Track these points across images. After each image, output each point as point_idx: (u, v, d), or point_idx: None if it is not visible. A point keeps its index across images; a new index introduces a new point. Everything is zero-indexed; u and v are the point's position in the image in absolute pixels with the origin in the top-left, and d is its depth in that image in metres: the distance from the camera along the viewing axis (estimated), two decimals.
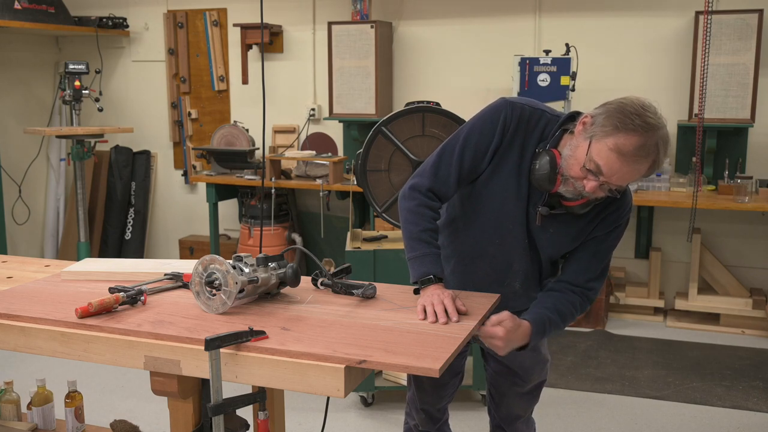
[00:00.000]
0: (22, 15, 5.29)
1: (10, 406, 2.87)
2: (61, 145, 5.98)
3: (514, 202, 2.01)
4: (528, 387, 2.35)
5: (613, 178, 1.80)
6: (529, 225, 2.04)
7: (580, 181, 1.84)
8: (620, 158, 1.76)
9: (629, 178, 1.81)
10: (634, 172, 1.79)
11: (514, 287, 2.16)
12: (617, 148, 1.75)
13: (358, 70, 5.12)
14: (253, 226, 5.33)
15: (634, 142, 1.75)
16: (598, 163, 1.78)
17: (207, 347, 1.65)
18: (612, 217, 2.01)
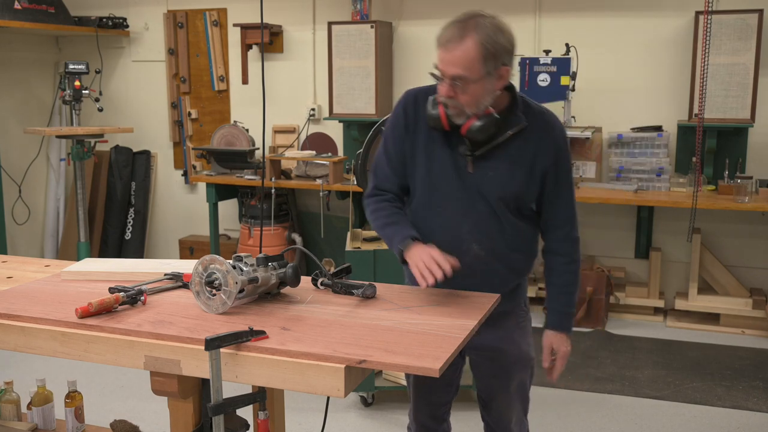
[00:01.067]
0: (22, 15, 5.29)
1: (10, 406, 2.87)
2: (61, 145, 5.98)
3: (439, 165, 2.09)
4: (512, 385, 2.32)
5: (445, 69, 1.93)
6: (463, 179, 2.07)
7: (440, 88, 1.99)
8: (442, 48, 1.94)
9: (458, 62, 1.91)
10: (458, 54, 1.90)
11: (474, 250, 2.11)
12: (439, 42, 1.94)
13: (358, 70, 5.12)
14: (253, 226, 5.33)
15: (448, 29, 1.94)
16: (437, 65, 1.96)
17: (207, 347, 1.65)
18: (544, 141, 2.06)
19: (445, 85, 1.96)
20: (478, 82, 1.93)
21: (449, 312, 1.95)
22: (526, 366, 2.32)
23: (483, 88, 1.95)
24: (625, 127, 4.85)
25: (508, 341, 2.26)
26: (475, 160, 2.05)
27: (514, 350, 2.25)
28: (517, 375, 2.31)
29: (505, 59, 1.95)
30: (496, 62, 1.93)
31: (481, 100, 1.96)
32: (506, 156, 2.05)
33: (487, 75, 1.93)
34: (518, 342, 2.26)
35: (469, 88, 1.94)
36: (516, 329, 2.27)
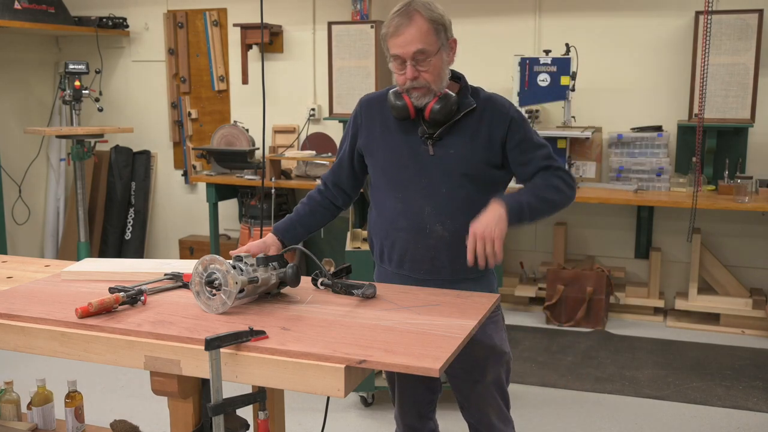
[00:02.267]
0: (22, 15, 5.29)
1: (10, 406, 2.87)
2: (61, 145, 5.98)
3: (398, 154, 2.19)
4: (487, 379, 2.29)
5: (405, 50, 2.06)
6: (423, 162, 2.15)
7: (399, 78, 2.12)
8: (394, 36, 2.09)
9: (415, 38, 2.05)
10: (413, 32, 2.05)
11: (438, 232, 2.15)
12: (388, 34, 2.12)
13: (358, 70, 5.12)
14: (253, 226, 5.33)
15: (393, 20, 2.10)
16: (392, 53, 2.12)
17: (207, 347, 1.65)
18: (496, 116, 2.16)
19: (408, 68, 2.08)
20: (437, 55, 2.08)
21: (449, 312, 1.95)
22: (500, 360, 2.29)
23: (441, 60, 2.10)
24: (625, 127, 4.85)
25: (479, 331, 2.15)
26: (435, 143, 2.15)
27: (486, 341, 2.22)
28: (491, 368, 2.28)
29: (449, 32, 2.14)
30: (446, 33, 2.11)
31: (442, 74, 2.11)
32: (463, 133, 2.15)
33: (442, 47, 2.09)
34: (490, 334, 2.22)
35: (431, 62, 2.07)
36: (488, 321, 2.19)
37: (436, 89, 2.11)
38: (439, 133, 2.14)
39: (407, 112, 2.14)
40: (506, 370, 2.34)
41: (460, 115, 2.14)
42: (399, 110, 2.16)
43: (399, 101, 2.16)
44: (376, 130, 2.24)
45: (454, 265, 2.16)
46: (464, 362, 2.22)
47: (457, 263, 2.14)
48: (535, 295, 5.00)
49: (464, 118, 2.15)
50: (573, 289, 4.74)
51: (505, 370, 2.33)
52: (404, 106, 2.14)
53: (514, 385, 3.83)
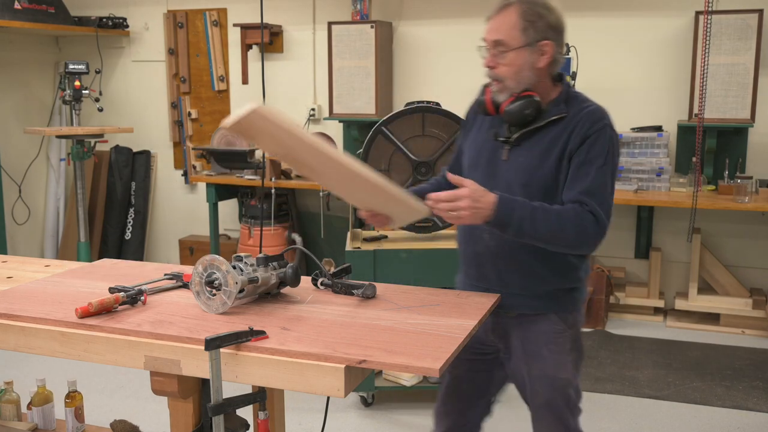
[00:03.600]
0: (22, 15, 5.29)
1: (10, 406, 2.87)
2: (61, 145, 5.98)
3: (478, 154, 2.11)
4: (536, 403, 2.13)
5: (486, 35, 1.98)
6: (494, 166, 2.05)
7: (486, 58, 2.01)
8: (488, 19, 2.00)
9: (497, 27, 1.96)
10: (498, 20, 1.97)
11: (485, 240, 2.06)
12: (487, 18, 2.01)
13: (358, 70, 5.12)
14: (253, 226, 5.33)
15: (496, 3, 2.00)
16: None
17: (207, 347, 1.65)
18: (579, 128, 1.96)
19: (487, 56, 1.99)
20: (517, 51, 1.94)
21: (449, 312, 1.95)
22: (553, 385, 2.09)
23: (523, 58, 1.95)
24: (625, 127, 4.84)
25: (532, 353, 2.09)
26: (512, 148, 2.03)
27: (536, 361, 2.07)
28: (541, 391, 2.10)
29: (548, 34, 1.97)
30: (537, 34, 1.95)
31: (521, 72, 1.96)
32: (539, 144, 1.99)
33: (527, 45, 1.94)
34: (544, 355, 2.06)
35: (509, 56, 1.95)
36: (544, 344, 2.07)
37: (513, 87, 1.97)
38: (518, 137, 2.01)
39: (485, 108, 2.06)
40: (564, 398, 2.10)
41: (544, 122, 1.98)
42: (479, 104, 2.08)
43: (482, 95, 2.07)
44: (473, 128, 2.18)
45: (502, 277, 2.06)
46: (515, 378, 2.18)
47: (504, 280, 2.06)
48: None
49: (549, 127, 1.99)
50: None
51: (563, 398, 2.10)
52: (483, 101, 2.06)
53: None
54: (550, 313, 2.07)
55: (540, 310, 2.07)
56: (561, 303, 2.08)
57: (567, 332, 2.08)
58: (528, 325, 2.08)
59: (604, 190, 1.94)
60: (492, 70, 1.99)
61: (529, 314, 2.07)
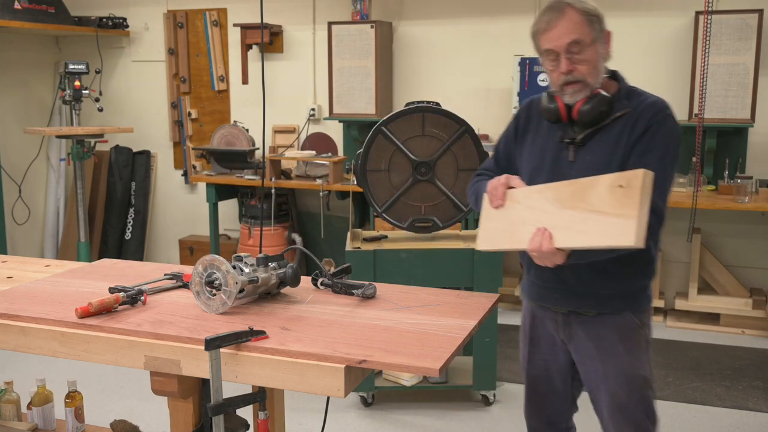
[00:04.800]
0: (22, 15, 5.29)
1: (10, 406, 2.87)
2: (61, 145, 5.98)
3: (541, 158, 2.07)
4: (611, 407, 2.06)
5: (558, 42, 1.94)
6: (560, 169, 2.01)
7: (553, 75, 1.99)
8: (545, 31, 1.99)
9: (568, 29, 1.94)
10: (565, 24, 1.94)
11: None
12: (539, 30, 2.02)
13: (358, 70, 5.12)
14: (253, 226, 5.33)
15: (544, 15, 2.00)
16: (543, 48, 1.99)
17: (207, 347, 1.65)
18: (642, 119, 1.95)
19: (562, 61, 1.95)
20: (592, 46, 1.94)
21: (449, 312, 1.95)
22: (635, 388, 2.03)
23: (597, 53, 1.95)
24: None
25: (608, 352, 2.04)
26: (578, 148, 2.00)
27: (615, 363, 2.02)
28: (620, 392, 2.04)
29: (603, 23, 1.98)
30: (600, 25, 1.96)
31: (597, 67, 1.96)
32: (606, 141, 1.97)
33: (597, 39, 1.95)
34: (622, 354, 2.02)
35: (587, 53, 1.93)
36: (619, 341, 2.03)
37: (593, 83, 1.96)
38: (583, 137, 1.99)
39: (558, 115, 2.01)
40: (642, 401, 2.04)
41: (610, 119, 1.96)
42: (550, 113, 2.03)
43: (551, 104, 2.03)
44: (529, 134, 2.13)
45: (581, 279, 2.00)
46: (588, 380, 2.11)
47: (587, 277, 1.99)
48: None
49: (614, 123, 1.97)
50: None
51: (641, 400, 2.04)
52: (556, 108, 2.01)
53: (513, 384, 3.83)
54: (626, 312, 2.03)
55: (618, 309, 2.03)
56: (637, 301, 2.05)
57: (642, 330, 2.05)
58: (603, 324, 2.03)
59: (665, 181, 1.91)
60: (570, 74, 1.95)
61: (605, 313, 2.03)
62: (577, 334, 2.07)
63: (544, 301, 2.11)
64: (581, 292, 2.02)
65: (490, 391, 3.57)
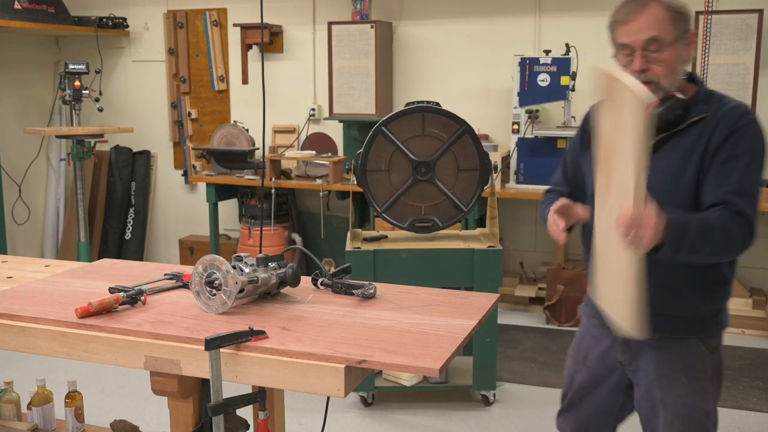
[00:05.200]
0: (22, 15, 5.29)
1: (10, 406, 2.87)
2: (61, 145, 5.98)
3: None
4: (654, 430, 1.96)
5: (635, 38, 1.82)
6: None
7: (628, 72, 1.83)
8: (624, 23, 1.86)
9: (648, 25, 1.81)
10: (646, 18, 1.81)
11: None
12: (618, 21, 1.88)
13: (358, 70, 5.12)
14: (253, 226, 5.33)
15: (624, 6, 1.87)
16: (619, 42, 1.87)
17: (207, 347, 1.65)
18: (722, 125, 1.81)
19: (636, 58, 1.82)
20: (671, 47, 1.80)
21: (449, 312, 1.95)
22: (694, 419, 1.90)
23: (676, 54, 1.82)
24: None
25: (668, 378, 1.91)
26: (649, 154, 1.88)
27: (675, 391, 1.89)
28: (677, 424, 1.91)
29: (690, 23, 1.86)
30: (684, 24, 1.83)
31: (675, 69, 1.83)
32: (680, 146, 1.84)
33: (678, 39, 1.81)
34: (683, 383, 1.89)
35: (664, 53, 1.80)
36: (682, 368, 1.90)
37: (667, 86, 1.82)
38: (655, 143, 1.82)
39: None
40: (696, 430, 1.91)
41: (685, 124, 1.83)
42: None
43: None
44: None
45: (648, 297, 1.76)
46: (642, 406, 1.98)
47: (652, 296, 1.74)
48: (535, 295, 5.00)
49: (691, 128, 1.84)
50: (573, 289, 4.74)
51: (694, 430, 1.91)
52: None
53: (513, 384, 3.83)
54: (692, 338, 1.90)
55: (683, 333, 1.89)
56: (706, 326, 1.91)
57: (708, 358, 1.91)
58: (665, 348, 1.90)
59: (752, 188, 1.80)
60: (644, 74, 1.81)
61: (669, 337, 1.89)
62: (638, 356, 1.94)
63: (606, 320, 1.92)
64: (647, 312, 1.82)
65: (490, 391, 3.57)
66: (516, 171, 4.76)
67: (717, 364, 1.94)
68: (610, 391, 2.04)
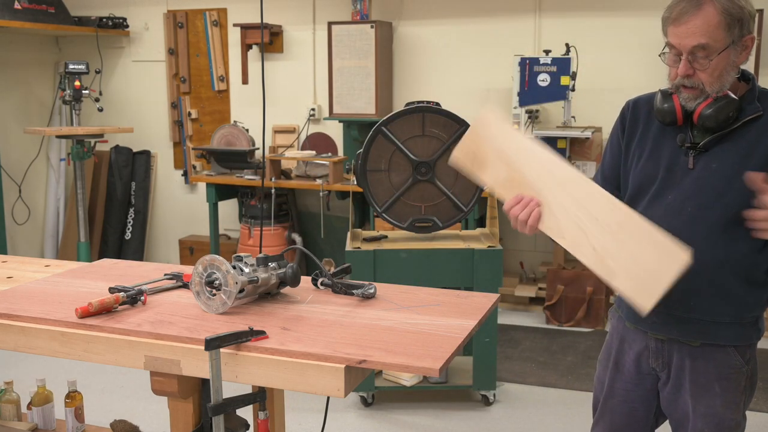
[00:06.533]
0: (22, 15, 5.29)
1: (10, 406, 2.87)
2: (61, 145, 5.98)
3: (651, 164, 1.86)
4: None
5: (683, 41, 1.71)
6: (676, 177, 1.80)
7: (672, 71, 1.77)
8: (675, 23, 1.72)
9: (698, 30, 1.69)
10: (697, 23, 1.69)
11: None
12: (670, 18, 1.73)
13: (358, 70, 5.12)
14: (253, 226, 5.33)
15: (679, 2, 1.71)
16: (670, 42, 1.74)
17: (207, 347, 1.65)
18: None
19: (682, 63, 1.72)
20: (721, 54, 1.70)
21: (449, 312, 1.95)
22: (719, 426, 1.88)
23: (727, 60, 1.71)
24: None
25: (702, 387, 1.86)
26: (699, 154, 1.78)
27: (707, 401, 1.86)
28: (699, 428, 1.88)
29: (749, 26, 1.72)
30: (742, 29, 1.70)
31: (723, 75, 1.73)
32: (736, 147, 1.75)
33: (731, 45, 1.70)
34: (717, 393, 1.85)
35: (712, 60, 1.70)
36: (716, 379, 1.85)
37: (711, 92, 1.73)
38: (706, 143, 1.76)
39: (674, 117, 1.79)
40: None
41: (739, 123, 1.74)
42: (664, 114, 1.81)
43: (666, 104, 1.80)
44: (637, 136, 1.92)
45: (689, 302, 1.79)
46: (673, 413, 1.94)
47: (696, 300, 1.77)
48: (535, 295, 5.00)
49: (744, 128, 1.75)
50: (573, 289, 4.74)
51: None
52: (671, 109, 1.79)
53: (513, 384, 3.83)
54: (730, 347, 1.84)
55: (722, 341, 1.83)
56: (745, 335, 1.85)
57: (744, 368, 1.87)
58: (701, 356, 1.85)
59: None
60: (688, 79, 1.73)
61: (709, 344, 1.83)
62: (672, 363, 1.89)
63: (641, 323, 1.89)
64: (686, 317, 1.81)
65: (490, 391, 3.57)
66: None
67: (752, 374, 1.90)
68: (643, 398, 1.97)
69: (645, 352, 1.93)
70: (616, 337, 2.04)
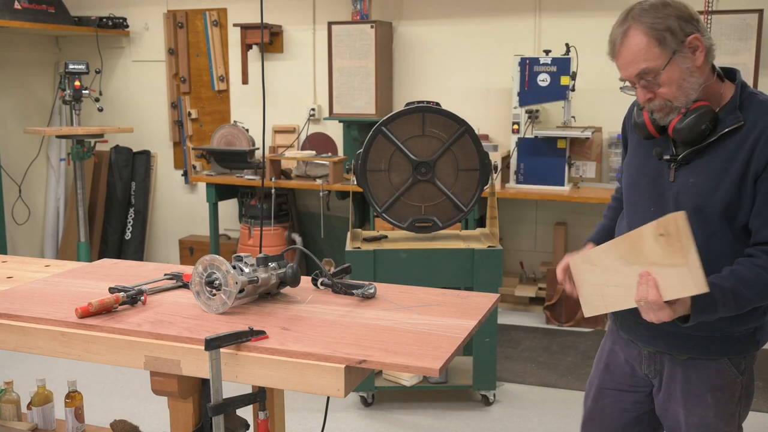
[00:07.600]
0: (22, 15, 5.29)
1: (10, 406, 2.87)
2: (61, 145, 5.98)
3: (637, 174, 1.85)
4: None
5: (623, 72, 1.74)
6: (660, 189, 1.78)
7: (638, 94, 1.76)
8: (614, 57, 1.76)
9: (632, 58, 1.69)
10: (630, 51, 1.70)
11: None
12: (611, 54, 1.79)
13: (358, 70, 5.12)
14: (253, 226, 5.33)
15: (611, 35, 1.77)
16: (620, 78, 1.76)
17: (207, 347, 1.65)
18: (763, 141, 1.65)
19: (638, 91, 1.72)
20: (666, 68, 1.66)
21: (449, 312, 1.95)
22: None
23: (678, 70, 1.66)
24: None
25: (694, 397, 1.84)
26: (679, 167, 1.74)
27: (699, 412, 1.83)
28: None
29: (686, 28, 1.66)
30: (675, 36, 1.65)
31: (684, 85, 1.68)
32: (715, 160, 1.69)
33: (674, 54, 1.65)
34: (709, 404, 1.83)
35: (661, 77, 1.67)
36: (710, 390, 1.82)
37: (682, 104, 1.69)
38: (686, 155, 1.73)
39: (647, 132, 1.79)
40: None
41: (716, 136, 1.68)
42: (639, 128, 1.81)
43: (640, 118, 1.80)
44: (631, 143, 1.91)
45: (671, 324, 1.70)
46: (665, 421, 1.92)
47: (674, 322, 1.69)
48: (535, 295, 5.00)
49: (724, 140, 1.69)
50: None
51: None
52: (642, 125, 1.79)
53: (513, 384, 3.83)
54: (723, 358, 1.80)
55: (714, 354, 1.80)
56: (740, 347, 1.81)
57: (738, 379, 1.83)
58: (694, 367, 1.82)
59: None
60: (651, 102, 1.72)
61: (697, 358, 1.81)
62: (663, 372, 1.88)
63: (632, 334, 1.90)
64: (673, 332, 1.77)
65: (490, 391, 3.57)
66: (516, 171, 4.76)
67: (747, 384, 1.86)
68: (636, 402, 1.96)
69: (638, 359, 1.93)
70: (608, 341, 2.04)
